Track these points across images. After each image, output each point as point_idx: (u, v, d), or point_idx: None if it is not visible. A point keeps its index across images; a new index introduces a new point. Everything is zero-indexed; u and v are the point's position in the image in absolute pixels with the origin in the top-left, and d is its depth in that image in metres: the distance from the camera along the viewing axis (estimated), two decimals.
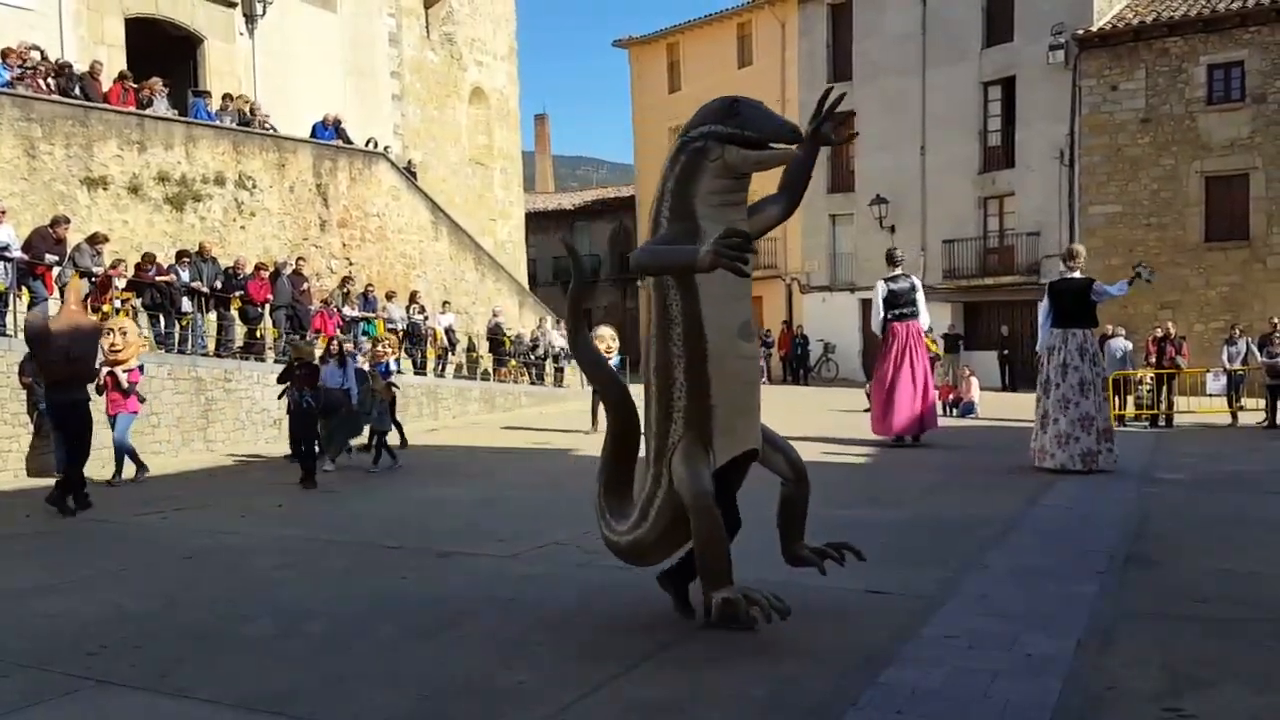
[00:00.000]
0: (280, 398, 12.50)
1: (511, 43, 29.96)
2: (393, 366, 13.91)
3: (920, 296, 14.24)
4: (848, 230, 29.60)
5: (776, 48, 30.77)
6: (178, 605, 6.31)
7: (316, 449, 11.94)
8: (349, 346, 13.87)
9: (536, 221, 38.53)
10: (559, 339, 24.43)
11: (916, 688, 4.44)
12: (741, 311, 5.36)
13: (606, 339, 16.87)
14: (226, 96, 20.03)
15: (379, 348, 13.84)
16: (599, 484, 5.83)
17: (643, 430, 5.59)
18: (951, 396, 20.26)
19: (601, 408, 15.64)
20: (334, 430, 12.67)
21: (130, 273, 15.11)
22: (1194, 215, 23.81)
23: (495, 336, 22.71)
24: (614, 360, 16.67)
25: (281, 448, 14.08)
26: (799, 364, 31.44)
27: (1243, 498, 9.55)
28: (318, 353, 13.60)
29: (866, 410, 19.98)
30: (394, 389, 13.66)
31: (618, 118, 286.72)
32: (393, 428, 13.62)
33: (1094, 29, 24.50)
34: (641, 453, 5.70)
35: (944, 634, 5.21)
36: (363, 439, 13.34)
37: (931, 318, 26.52)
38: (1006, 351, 26.39)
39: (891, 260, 14.49)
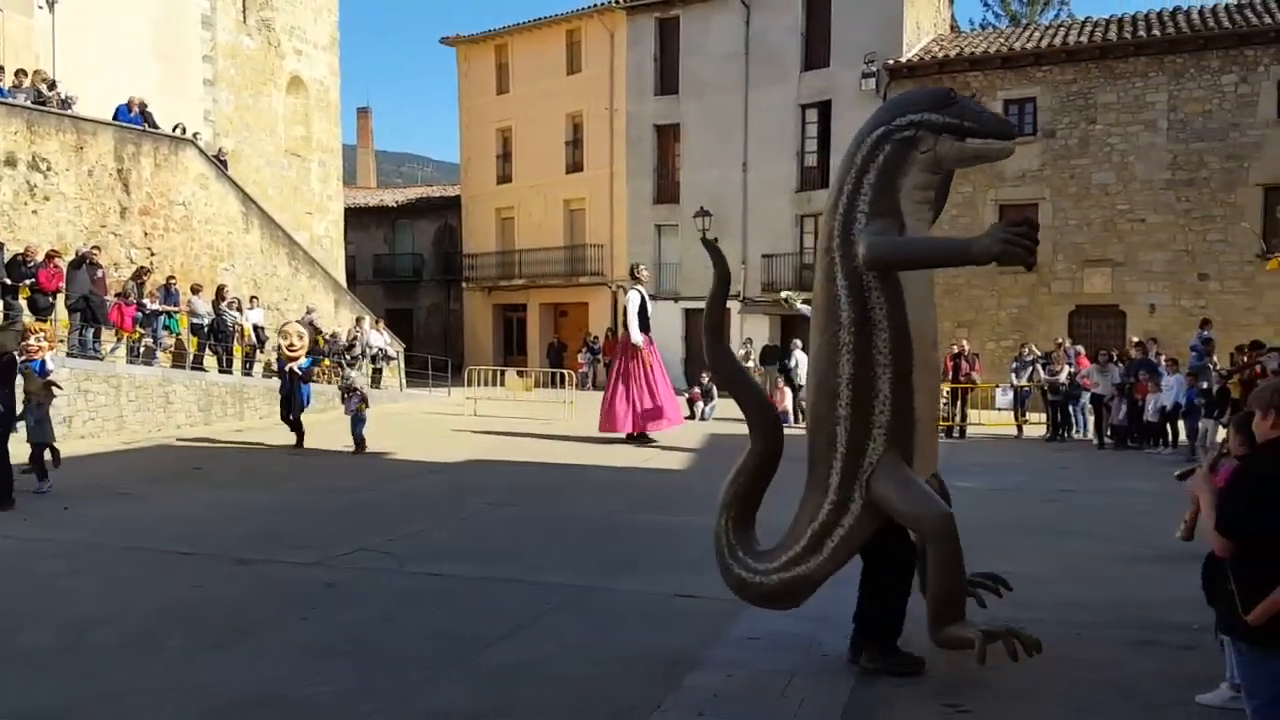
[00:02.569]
0: None
1: (334, 33, 29.05)
2: (49, 364, 11.13)
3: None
4: (673, 241, 30.04)
5: (606, 56, 30.98)
6: None
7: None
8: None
9: (357, 217, 37.44)
10: (377, 338, 23.84)
11: (719, 690, 4.56)
12: (932, 318, 4.94)
13: (292, 337, 15.53)
14: (20, 72, 18.61)
15: (30, 342, 11.02)
16: (724, 518, 4.97)
17: (816, 453, 4.86)
18: None
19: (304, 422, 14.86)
20: None
21: None
22: None
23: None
24: (303, 363, 15.38)
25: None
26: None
27: (1024, 505, 10.24)
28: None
29: (688, 417, 20.42)
30: (55, 390, 11.20)
31: (445, 116, 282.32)
32: (54, 439, 10.93)
33: (903, 60, 25.79)
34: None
35: (747, 636, 5.37)
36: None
37: (751, 330, 27.46)
38: None
39: (634, 275, 15.62)
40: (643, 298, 15.10)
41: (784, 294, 15.03)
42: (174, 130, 20.65)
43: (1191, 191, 22.52)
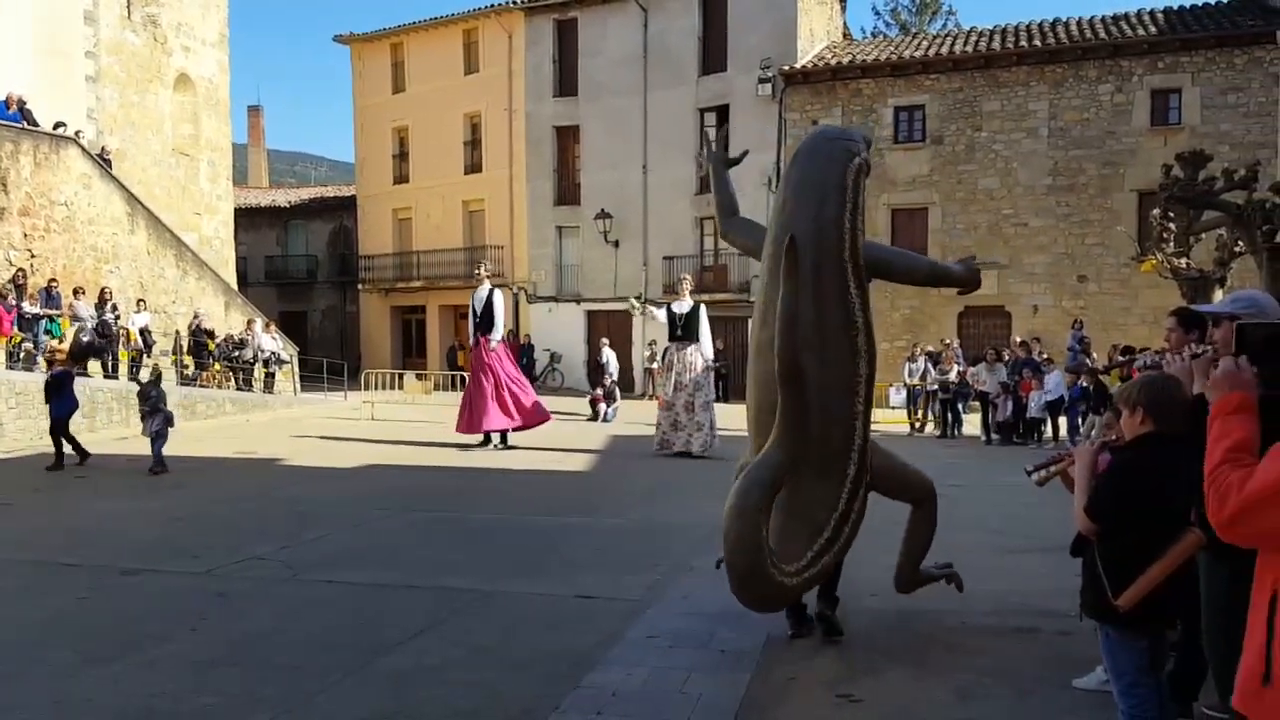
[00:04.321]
0: None
1: (223, 29, 28.26)
2: None
3: (498, 311, 15.06)
4: (574, 243, 30.03)
5: (504, 57, 30.80)
6: None
7: None
8: None
9: (249, 218, 36.50)
10: (270, 342, 23.27)
11: (618, 689, 4.60)
12: None
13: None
14: None
15: None
16: (764, 524, 4.60)
17: (828, 447, 5.00)
18: None
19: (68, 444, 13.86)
20: None
21: None
22: None
23: (197, 338, 21.32)
24: (57, 369, 14.21)
25: None
26: (525, 373, 31.51)
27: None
28: None
29: (590, 418, 20.47)
30: None
31: (340, 114, 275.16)
32: None
33: (797, 66, 26.26)
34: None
35: (647, 635, 5.42)
36: None
37: (655, 332, 27.58)
38: (719, 364, 27.62)
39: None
40: (474, 299, 14.94)
41: (632, 301, 16.96)
42: (55, 128, 19.89)
43: (1071, 197, 23.46)
